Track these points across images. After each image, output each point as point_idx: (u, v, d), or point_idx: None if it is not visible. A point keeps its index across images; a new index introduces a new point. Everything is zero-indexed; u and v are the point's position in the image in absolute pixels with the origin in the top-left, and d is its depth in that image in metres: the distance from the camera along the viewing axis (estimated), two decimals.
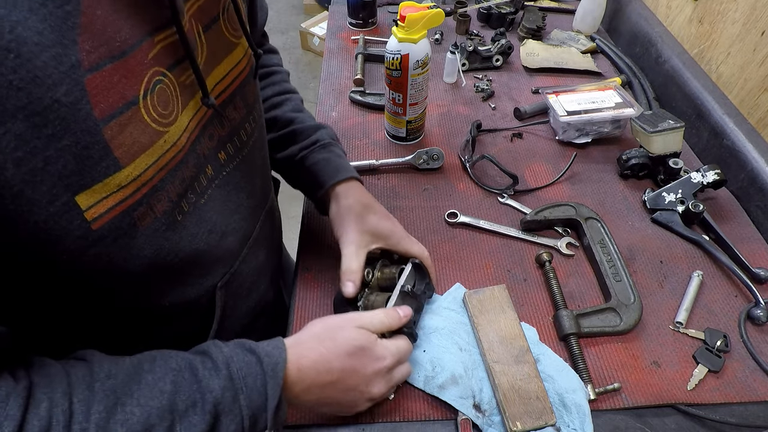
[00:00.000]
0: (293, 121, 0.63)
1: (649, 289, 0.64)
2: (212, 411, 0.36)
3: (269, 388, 0.39)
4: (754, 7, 0.78)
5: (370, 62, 1.02)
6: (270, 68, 0.67)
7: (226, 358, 0.39)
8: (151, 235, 0.36)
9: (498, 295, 0.59)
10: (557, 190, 0.77)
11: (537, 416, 0.49)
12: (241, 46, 0.44)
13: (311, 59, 2.89)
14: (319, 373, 0.43)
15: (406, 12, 0.68)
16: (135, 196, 0.33)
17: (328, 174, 0.58)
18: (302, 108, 0.66)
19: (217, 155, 0.43)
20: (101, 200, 0.31)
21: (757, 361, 0.57)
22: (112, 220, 0.32)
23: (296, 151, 0.61)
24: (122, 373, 0.34)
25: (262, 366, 0.39)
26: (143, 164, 0.33)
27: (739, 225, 0.73)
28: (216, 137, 0.42)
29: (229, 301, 0.50)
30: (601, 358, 0.57)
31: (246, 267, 0.51)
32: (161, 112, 0.34)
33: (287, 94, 0.66)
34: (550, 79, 1.00)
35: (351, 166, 0.61)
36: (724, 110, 0.81)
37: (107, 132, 0.30)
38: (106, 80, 0.29)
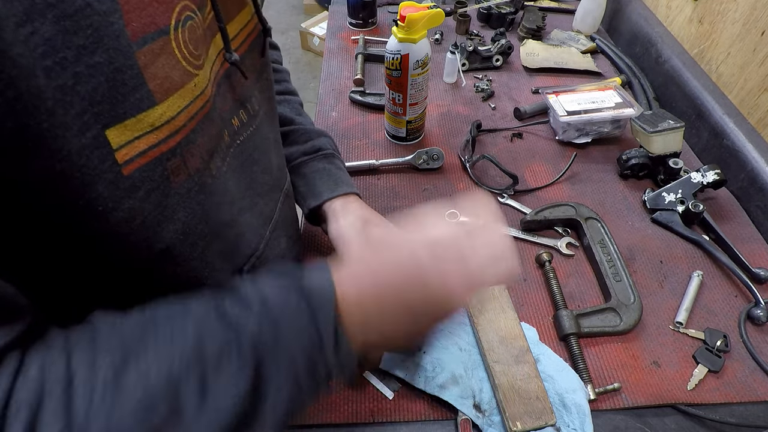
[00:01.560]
0: (294, 121, 0.61)
1: (649, 289, 0.64)
2: (252, 354, 0.28)
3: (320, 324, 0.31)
4: (754, 7, 0.78)
5: (370, 62, 1.02)
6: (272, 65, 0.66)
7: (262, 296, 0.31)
8: (184, 195, 0.32)
9: (498, 295, 0.59)
10: (557, 190, 0.77)
11: (537, 416, 0.49)
12: (248, 8, 0.42)
13: (311, 59, 2.89)
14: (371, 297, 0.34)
15: (406, 12, 0.68)
16: (169, 142, 0.29)
17: (327, 186, 0.55)
18: (301, 111, 0.64)
19: (231, 120, 0.39)
20: (133, 140, 0.27)
21: (757, 361, 0.57)
22: (145, 166, 0.28)
23: (296, 155, 0.58)
24: (132, 323, 0.28)
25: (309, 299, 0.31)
26: (176, 106, 0.29)
27: (739, 225, 0.73)
28: (229, 99, 0.39)
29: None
30: (601, 358, 0.57)
31: (270, 253, 0.47)
32: (192, 51, 0.31)
33: (287, 95, 0.64)
34: (550, 79, 1.00)
35: (351, 181, 0.58)
36: (724, 110, 0.81)
37: (141, 57, 0.26)
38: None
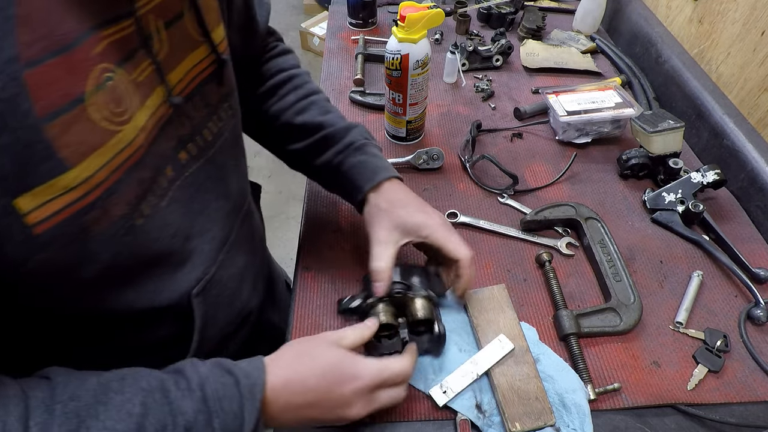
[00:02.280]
0: (323, 125, 0.60)
1: (649, 289, 0.64)
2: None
3: (246, 412, 0.37)
4: (754, 7, 0.78)
5: (370, 62, 1.02)
6: (289, 72, 0.63)
7: (202, 378, 0.37)
8: (108, 240, 0.34)
9: (497, 295, 0.59)
10: (557, 190, 0.77)
11: (536, 417, 0.49)
12: (206, 45, 0.42)
13: (311, 59, 2.89)
14: (294, 393, 0.41)
15: (406, 12, 0.68)
16: (86, 198, 0.31)
17: (365, 177, 0.56)
18: (329, 108, 0.63)
19: (177, 155, 0.41)
20: (45, 203, 0.29)
21: (757, 361, 0.57)
22: (59, 224, 0.30)
23: (332, 157, 0.58)
24: (87, 393, 0.33)
25: (239, 388, 0.38)
26: (94, 165, 0.31)
27: (739, 225, 0.73)
28: (175, 136, 0.40)
29: (210, 309, 0.48)
30: (601, 358, 0.57)
31: (225, 273, 0.49)
32: (114, 110, 0.32)
33: (311, 96, 0.62)
34: (550, 79, 1.00)
35: (388, 164, 0.59)
36: (724, 110, 0.81)
37: (50, 131, 0.28)
38: (48, 75, 0.27)
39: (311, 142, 0.59)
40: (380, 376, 0.44)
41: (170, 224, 0.40)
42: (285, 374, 0.41)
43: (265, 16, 0.60)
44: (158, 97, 0.37)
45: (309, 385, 0.42)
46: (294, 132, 0.60)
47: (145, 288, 0.41)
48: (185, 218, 0.42)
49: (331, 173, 0.59)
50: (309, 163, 0.61)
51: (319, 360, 0.43)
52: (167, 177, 0.39)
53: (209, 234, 0.46)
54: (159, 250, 0.40)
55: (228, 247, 0.49)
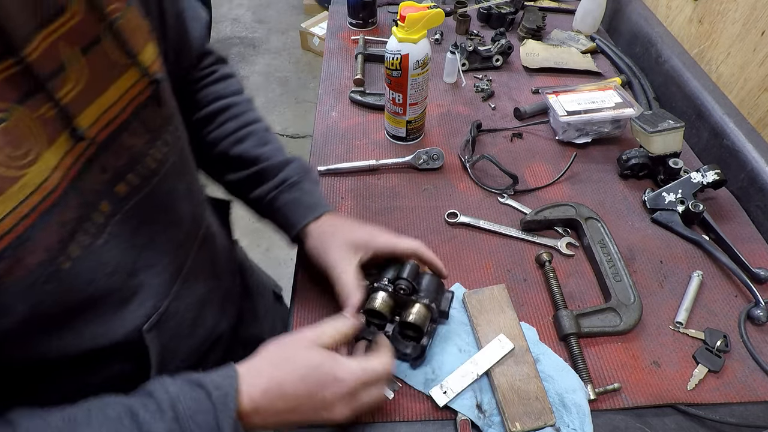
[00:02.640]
0: (259, 158, 0.58)
1: (649, 289, 0.64)
2: None
3: (221, 422, 0.36)
4: (754, 7, 0.78)
5: (370, 62, 1.02)
6: (228, 99, 0.61)
7: (172, 397, 0.36)
8: (24, 290, 0.32)
9: (497, 295, 0.59)
10: (557, 190, 0.77)
11: (536, 416, 0.49)
12: (135, 68, 0.39)
13: (311, 59, 2.89)
14: (273, 401, 0.40)
15: (406, 12, 0.68)
16: None
17: (299, 214, 0.57)
18: (268, 139, 0.61)
19: (113, 189, 0.38)
20: None
21: (757, 361, 0.57)
22: None
23: (265, 193, 0.58)
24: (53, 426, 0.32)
25: (211, 400, 0.37)
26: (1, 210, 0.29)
27: (739, 225, 0.73)
28: (110, 169, 0.37)
29: (169, 342, 0.46)
30: (601, 358, 0.57)
31: (181, 304, 0.47)
32: (11, 154, 0.29)
33: (250, 125, 0.60)
34: (550, 79, 1.00)
35: (322, 200, 0.59)
36: (724, 110, 0.81)
37: None
38: None
39: (246, 174, 0.58)
40: (361, 378, 0.43)
41: (108, 262, 0.38)
42: (262, 383, 0.40)
43: (200, 31, 0.56)
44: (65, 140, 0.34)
45: (289, 391, 0.41)
46: (230, 163, 0.59)
47: (84, 330, 0.38)
48: (127, 254, 0.40)
49: (264, 208, 0.59)
50: (244, 195, 0.60)
51: (297, 364, 0.42)
52: (103, 213, 0.37)
53: (158, 267, 0.43)
54: (95, 291, 0.37)
55: (184, 277, 0.47)
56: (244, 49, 2.98)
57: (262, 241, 1.92)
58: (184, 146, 0.48)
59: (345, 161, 0.78)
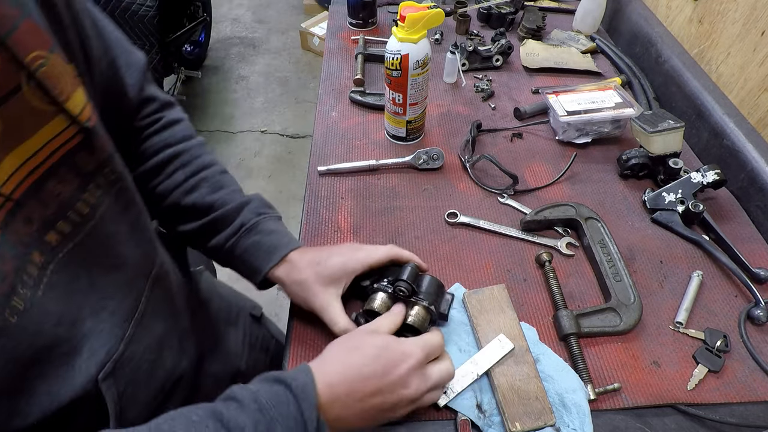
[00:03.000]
0: (213, 205, 0.56)
1: (649, 289, 0.64)
2: None
3: (305, 411, 0.37)
4: (754, 7, 0.78)
5: (370, 62, 1.02)
6: (177, 147, 0.57)
7: (252, 393, 0.38)
8: None
9: (497, 295, 0.59)
10: (557, 190, 0.77)
11: (536, 417, 0.49)
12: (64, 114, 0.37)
13: (311, 59, 2.89)
14: (352, 384, 0.41)
15: (406, 12, 0.68)
16: None
17: (260, 259, 0.54)
18: (223, 183, 0.58)
19: (43, 238, 0.36)
20: None
21: (757, 361, 0.57)
22: None
23: (223, 240, 0.55)
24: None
25: (291, 391, 0.38)
26: None
27: (739, 225, 0.73)
28: (36, 219, 0.35)
29: (126, 389, 0.44)
30: (601, 358, 0.57)
31: (137, 347, 0.45)
32: None
33: (202, 171, 0.57)
34: (550, 79, 1.00)
35: (285, 237, 0.56)
36: (724, 110, 0.81)
37: None
38: None
39: (201, 224, 0.56)
40: (425, 348, 0.46)
41: (52, 312, 0.36)
42: (337, 369, 0.42)
43: (136, 78, 0.53)
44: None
45: (365, 373, 0.42)
46: (183, 213, 0.56)
47: (38, 388, 0.37)
48: (70, 301, 0.38)
49: (225, 256, 0.57)
50: (201, 245, 0.58)
51: (366, 349, 0.44)
52: (36, 263, 0.35)
53: (105, 312, 0.41)
54: (44, 343, 0.36)
55: (137, 320, 0.45)
56: (244, 49, 2.98)
57: None
58: (125, 187, 0.45)
59: (345, 161, 0.78)
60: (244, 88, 2.72)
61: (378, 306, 0.53)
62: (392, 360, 0.44)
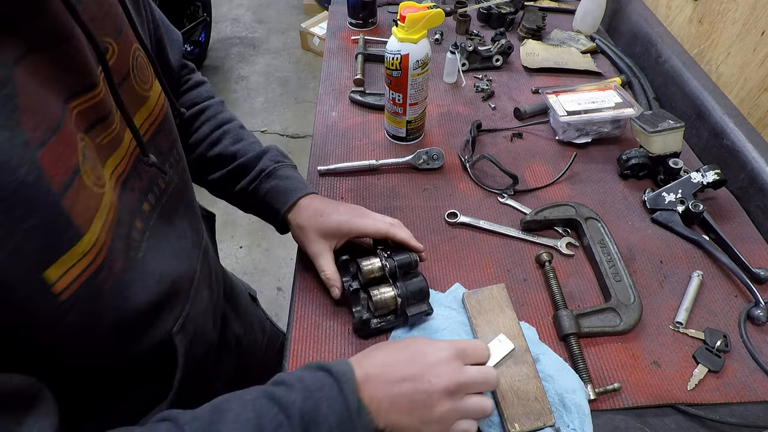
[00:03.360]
0: (236, 155, 0.62)
1: (649, 289, 0.64)
2: (300, 424, 0.37)
3: (346, 393, 0.40)
4: (754, 7, 0.78)
5: (370, 62, 1.02)
6: (202, 104, 0.65)
7: (298, 376, 0.41)
8: (114, 296, 0.36)
9: (497, 294, 0.59)
10: (557, 190, 0.77)
11: (535, 417, 0.49)
12: (152, 98, 0.44)
13: (311, 59, 2.89)
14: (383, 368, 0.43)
15: (406, 12, 0.68)
16: (97, 260, 0.33)
17: (279, 202, 0.60)
18: (243, 135, 0.65)
19: (141, 208, 0.42)
20: (67, 271, 0.31)
21: (757, 361, 0.57)
22: (79, 289, 0.32)
23: (246, 186, 0.62)
24: (205, 414, 0.37)
25: (332, 375, 0.41)
26: (97, 228, 0.33)
27: (739, 225, 0.73)
28: (137, 190, 0.42)
29: (190, 346, 0.49)
30: (601, 358, 0.57)
31: (194, 310, 0.50)
32: (96, 174, 0.34)
33: (224, 125, 0.64)
34: (550, 79, 1.00)
35: (299, 183, 0.62)
36: (724, 110, 0.81)
37: (66, 202, 0.30)
38: (54, 153, 0.30)
39: (226, 172, 0.62)
40: (458, 344, 0.46)
41: (152, 272, 0.41)
42: (370, 358, 0.44)
43: (178, 54, 0.61)
44: (117, 157, 0.38)
45: (394, 360, 0.44)
46: (209, 164, 0.63)
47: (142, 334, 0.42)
48: (164, 264, 0.43)
49: (248, 200, 0.63)
50: (227, 192, 0.64)
51: (398, 342, 0.47)
52: (138, 229, 0.40)
53: (183, 274, 0.47)
54: (150, 298, 0.41)
55: (195, 286, 0.50)
56: (244, 49, 2.98)
57: (263, 242, 1.92)
58: (185, 167, 0.52)
59: (345, 161, 0.78)
60: (244, 88, 2.72)
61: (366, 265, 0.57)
62: (421, 350, 0.45)
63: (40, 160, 0.28)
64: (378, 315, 0.56)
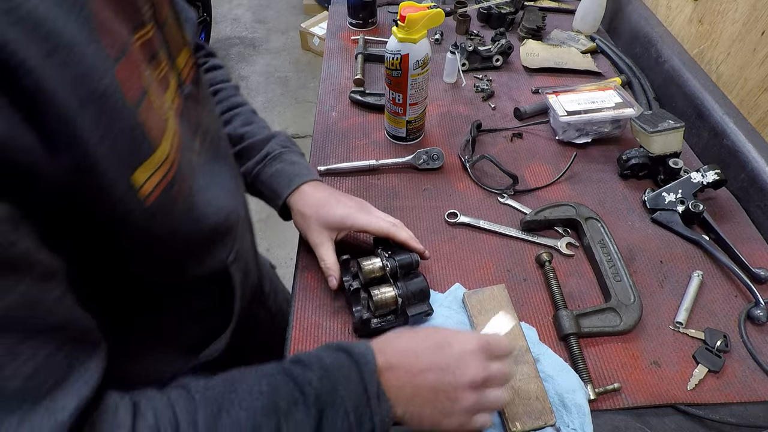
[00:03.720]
0: (244, 136, 0.64)
1: (649, 289, 0.64)
2: (315, 404, 0.37)
3: (365, 376, 0.39)
4: (754, 7, 0.78)
5: (370, 62, 1.02)
6: (217, 86, 0.67)
7: (315, 356, 0.40)
8: (184, 213, 0.39)
9: (497, 295, 0.59)
10: (557, 190, 0.77)
11: (536, 416, 0.49)
12: (187, 48, 0.47)
13: (311, 59, 2.89)
14: (405, 354, 0.42)
15: (406, 12, 0.68)
16: (169, 174, 0.36)
17: (282, 185, 0.61)
18: (252, 119, 0.66)
19: (195, 141, 0.45)
20: (149, 177, 0.34)
21: (757, 361, 0.57)
22: (159, 196, 0.35)
23: (251, 168, 0.63)
24: (217, 384, 0.37)
25: (353, 357, 0.40)
26: (167, 145, 0.36)
27: (739, 225, 0.73)
28: (190, 125, 0.44)
29: (242, 277, 0.52)
30: (601, 358, 0.57)
31: (242, 246, 0.53)
32: (159, 101, 0.37)
33: (236, 108, 0.66)
34: (550, 79, 1.00)
35: (305, 169, 0.63)
36: (724, 110, 0.81)
37: (140, 117, 0.33)
38: (126, 71, 0.32)
39: (234, 152, 0.62)
40: (483, 338, 0.45)
41: (210, 201, 0.45)
42: (393, 345, 0.43)
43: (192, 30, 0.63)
44: (172, 92, 0.41)
45: (419, 349, 0.43)
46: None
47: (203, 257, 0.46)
48: (217, 196, 0.46)
49: (252, 181, 0.64)
50: None
51: (419, 331, 0.46)
52: (197, 158, 0.44)
53: (232, 211, 0.50)
54: (209, 223, 0.44)
55: (241, 224, 0.53)
56: (244, 49, 2.98)
57: (263, 242, 1.92)
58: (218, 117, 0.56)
59: (345, 161, 0.78)
60: (244, 88, 2.72)
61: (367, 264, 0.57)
62: (445, 340, 0.44)
63: (116, 74, 0.31)
64: (378, 315, 0.56)
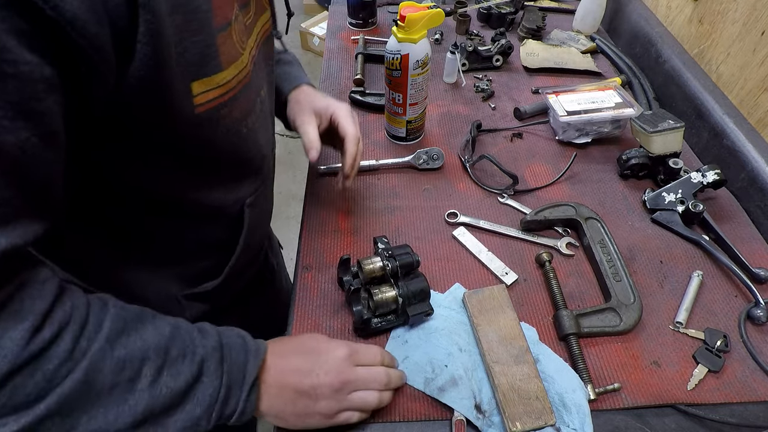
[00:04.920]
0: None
1: (649, 289, 0.64)
2: (198, 365, 0.40)
3: (249, 366, 0.43)
4: (754, 7, 0.78)
5: (370, 62, 1.02)
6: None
7: (219, 331, 0.44)
8: (226, 134, 0.45)
9: (497, 295, 0.59)
10: (557, 190, 0.77)
11: (536, 416, 0.49)
12: (268, 11, 0.53)
13: (311, 59, 2.89)
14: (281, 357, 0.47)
15: (406, 12, 0.68)
16: (225, 96, 0.42)
17: (286, 83, 0.69)
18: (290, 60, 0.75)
19: (260, 91, 0.51)
20: (205, 91, 0.39)
21: (757, 361, 0.57)
22: (208, 110, 0.41)
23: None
24: (133, 311, 0.40)
25: (247, 345, 0.44)
26: (232, 72, 0.42)
27: (739, 225, 0.73)
28: (257, 77, 0.50)
29: (253, 221, 0.56)
30: (601, 358, 0.57)
31: (262, 193, 0.58)
32: (240, 38, 0.43)
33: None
34: (550, 79, 1.00)
35: (303, 77, 0.72)
36: (724, 110, 0.81)
37: (218, 39, 0.38)
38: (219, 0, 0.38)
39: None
40: (353, 346, 0.50)
41: (257, 141, 0.52)
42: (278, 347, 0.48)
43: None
44: (254, 40, 0.48)
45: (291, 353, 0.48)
46: None
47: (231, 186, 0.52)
48: (263, 138, 0.54)
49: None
50: None
51: (299, 337, 0.52)
52: (258, 106, 0.50)
53: (266, 156, 0.57)
54: (248, 157, 0.51)
55: (268, 171, 0.59)
56: None
57: None
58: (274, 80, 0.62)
59: None
60: None
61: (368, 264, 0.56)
62: (317, 347, 0.49)
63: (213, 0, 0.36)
64: (378, 314, 0.56)
